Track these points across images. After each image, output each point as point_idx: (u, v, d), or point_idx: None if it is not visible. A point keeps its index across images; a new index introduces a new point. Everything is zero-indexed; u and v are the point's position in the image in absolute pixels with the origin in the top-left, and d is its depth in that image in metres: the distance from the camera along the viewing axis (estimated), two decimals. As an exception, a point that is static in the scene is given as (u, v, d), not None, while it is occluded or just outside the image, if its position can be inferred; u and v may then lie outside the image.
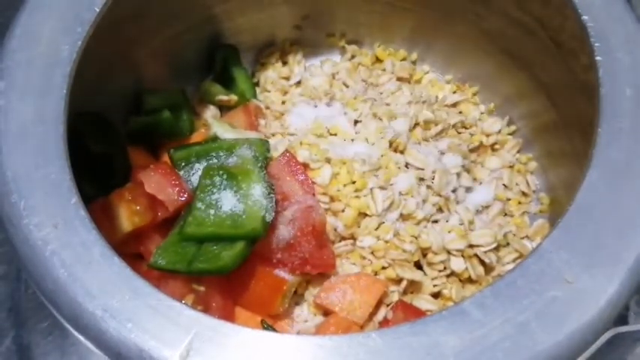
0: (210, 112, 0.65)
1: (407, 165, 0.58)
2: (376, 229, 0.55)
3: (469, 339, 0.35)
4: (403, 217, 0.56)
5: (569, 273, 0.38)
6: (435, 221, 0.57)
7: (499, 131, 0.64)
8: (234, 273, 0.48)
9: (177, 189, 0.51)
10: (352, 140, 0.59)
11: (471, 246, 0.55)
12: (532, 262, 0.38)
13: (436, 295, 0.56)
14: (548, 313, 0.36)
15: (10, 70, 0.44)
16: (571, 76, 0.52)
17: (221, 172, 0.50)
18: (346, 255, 0.56)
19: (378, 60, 0.69)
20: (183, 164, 0.53)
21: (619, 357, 0.43)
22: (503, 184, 0.62)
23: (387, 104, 0.63)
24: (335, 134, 0.60)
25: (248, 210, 0.49)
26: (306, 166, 0.57)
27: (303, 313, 0.55)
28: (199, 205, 0.49)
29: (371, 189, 0.56)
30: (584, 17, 0.46)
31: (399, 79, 0.67)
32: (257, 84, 0.68)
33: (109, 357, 0.36)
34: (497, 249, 0.56)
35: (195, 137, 0.61)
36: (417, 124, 0.61)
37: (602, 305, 0.37)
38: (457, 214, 0.57)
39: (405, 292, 0.55)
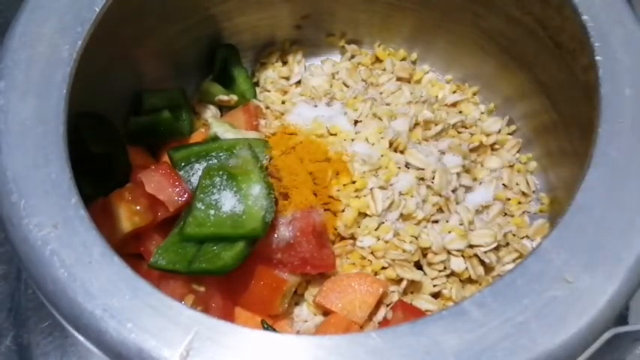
0: (210, 112, 0.65)
1: (407, 165, 0.58)
2: (376, 229, 0.55)
3: (469, 339, 0.35)
4: (403, 217, 0.56)
5: (569, 273, 0.38)
6: (435, 221, 0.57)
7: (499, 131, 0.64)
8: (234, 273, 0.49)
9: (177, 189, 0.51)
10: (352, 140, 0.59)
11: (471, 246, 0.55)
12: (532, 262, 0.38)
13: (436, 295, 0.56)
14: (548, 312, 0.36)
15: (10, 70, 0.44)
16: (571, 76, 0.52)
17: (221, 173, 0.50)
18: (346, 255, 0.56)
19: (378, 60, 0.69)
20: (183, 164, 0.53)
21: (619, 357, 0.43)
22: (503, 184, 0.62)
23: (387, 104, 0.63)
24: (335, 134, 0.60)
25: (248, 210, 0.49)
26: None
27: (303, 313, 0.55)
28: (199, 205, 0.49)
29: (371, 189, 0.56)
30: (584, 17, 0.46)
31: (399, 79, 0.67)
32: (257, 84, 0.68)
33: (109, 357, 0.36)
34: (497, 249, 0.56)
35: (195, 137, 0.61)
36: (417, 124, 0.61)
37: (602, 305, 0.37)
38: (457, 214, 0.57)
39: (405, 292, 0.55)
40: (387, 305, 0.54)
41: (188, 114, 0.63)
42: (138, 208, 0.51)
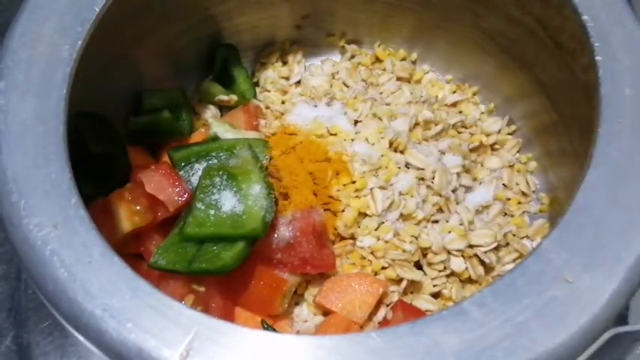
0: (210, 112, 0.65)
1: (407, 165, 0.58)
2: (376, 229, 0.55)
3: (469, 339, 0.35)
4: (403, 217, 0.56)
5: (569, 273, 0.38)
6: (435, 221, 0.57)
7: (499, 131, 0.64)
8: (234, 273, 0.49)
9: (177, 189, 0.51)
10: (352, 140, 0.59)
11: (470, 246, 0.55)
12: (532, 262, 0.38)
13: (436, 295, 0.56)
14: (548, 312, 0.36)
15: (10, 70, 0.44)
16: (571, 76, 0.52)
17: (221, 173, 0.50)
18: (346, 255, 0.56)
19: (378, 60, 0.69)
20: (183, 164, 0.53)
21: (619, 357, 0.43)
22: (503, 184, 0.62)
23: (387, 104, 0.63)
24: (335, 134, 0.60)
25: (248, 210, 0.49)
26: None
27: (303, 313, 0.55)
28: (199, 205, 0.49)
29: (371, 189, 0.56)
30: (584, 17, 0.46)
31: (399, 79, 0.67)
32: (257, 84, 0.68)
33: (109, 357, 0.36)
34: (497, 249, 0.56)
35: (195, 137, 0.61)
36: (417, 124, 0.61)
37: (602, 305, 0.37)
38: (457, 214, 0.57)
39: (405, 292, 0.55)
40: (387, 305, 0.54)
41: (188, 114, 0.63)
42: (138, 208, 0.51)
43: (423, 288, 0.55)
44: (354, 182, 0.56)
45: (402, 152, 0.59)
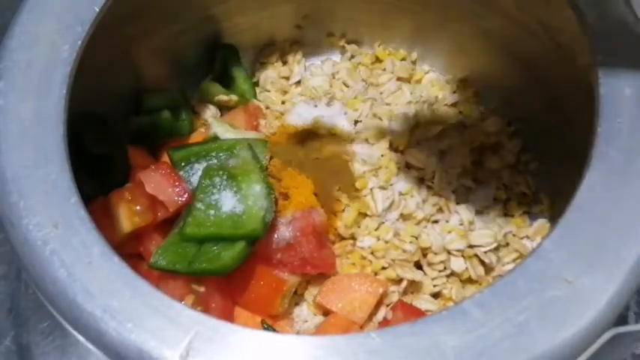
0: (210, 112, 0.65)
1: (407, 165, 0.58)
2: (376, 229, 0.55)
3: (469, 339, 0.35)
4: (403, 217, 0.56)
5: (569, 273, 0.38)
6: (435, 221, 0.57)
7: (499, 131, 0.64)
8: (234, 273, 0.49)
9: (177, 189, 0.51)
10: (352, 140, 0.59)
11: (471, 246, 0.55)
12: (532, 262, 0.38)
13: (436, 295, 0.56)
14: (548, 313, 0.36)
15: (9, 70, 0.44)
16: (571, 76, 0.52)
17: (221, 173, 0.50)
18: (346, 255, 0.56)
19: (378, 60, 0.69)
20: (183, 164, 0.53)
21: (619, 357, 0.43)
22: (504, 184, 0.62)
23: (387, 104, 0.63)
24: (335, 134, 0.60)
25: (248, 210, 0.49)
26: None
27: (303, 313, 0.55)
28: (199, 205, 0.49)
29: (371, 189, 0.56)
30: (584, 17, 0.46)
31: (399, 79, 0.67)
32: (257, 84, 0.68)
33: (108, 357, 0.36)
34: (497, 249, 0.56)
35: (195, 137, 0.61)
36: (417, 124, 0.61)
37: (602, 305, 0.37)
38: (457, 214, 0.57)
39: (405, 292, 0.55)
40: (387, 305, 0.54)
41: (188, 114, 0.63)
42: (138, 208, 0.50)
43: (423, 288, 0.55)
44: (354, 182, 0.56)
45: (402, 152, 0.59)
